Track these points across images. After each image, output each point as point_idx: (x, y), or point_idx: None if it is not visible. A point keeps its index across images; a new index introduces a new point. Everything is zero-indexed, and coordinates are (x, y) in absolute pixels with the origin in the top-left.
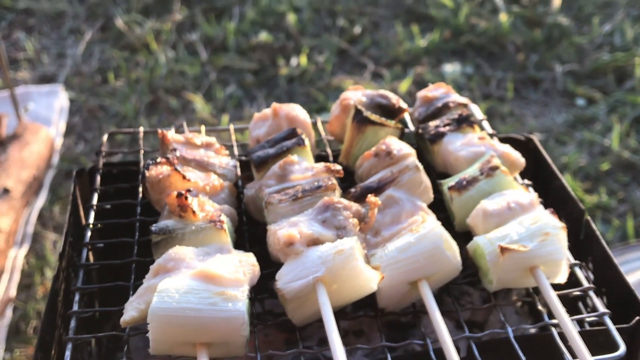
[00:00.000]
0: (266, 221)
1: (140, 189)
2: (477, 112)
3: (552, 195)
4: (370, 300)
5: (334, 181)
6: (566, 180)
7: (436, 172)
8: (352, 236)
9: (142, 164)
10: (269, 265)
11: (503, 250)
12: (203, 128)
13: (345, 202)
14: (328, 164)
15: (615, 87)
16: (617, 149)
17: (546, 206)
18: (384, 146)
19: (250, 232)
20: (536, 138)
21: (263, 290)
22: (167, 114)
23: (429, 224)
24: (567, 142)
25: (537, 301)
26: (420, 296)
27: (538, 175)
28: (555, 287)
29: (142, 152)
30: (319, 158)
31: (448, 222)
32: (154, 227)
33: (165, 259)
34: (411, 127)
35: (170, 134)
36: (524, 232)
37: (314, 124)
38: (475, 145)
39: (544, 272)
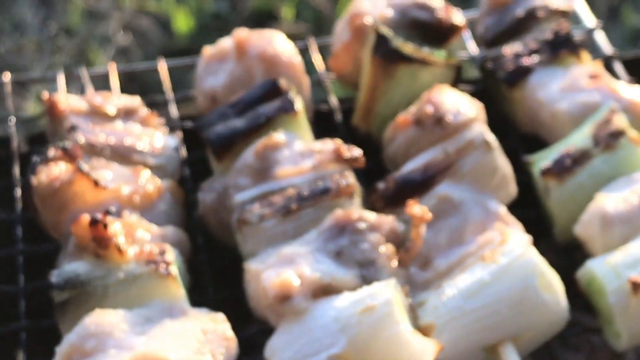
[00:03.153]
0: (239, 249)
1: (19, 192)
2: (588, 18)
3: None
4: None
5: (351, 180)
6: None
7: (520, 135)
8: (386, 277)
9: (14, 142)
10: (248, 318)
11: (636, 286)
12: (114, 67)
13: (370, 217)
14: (338, 143)
15: None
16: None
17: None
18: (430, 106)
19: (213, 264)
20: None
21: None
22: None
23: (513, 247)
24: None
25: None
26: None
27: None
28: None
29: (12, 121)
30: (318, 120)
31: (540, 227)
32: (55, 278)
33: (80, 335)
34: (473, 51)
35: (64, 98)
36: None
37: (304, 52)
38: (585, 91)
39: None
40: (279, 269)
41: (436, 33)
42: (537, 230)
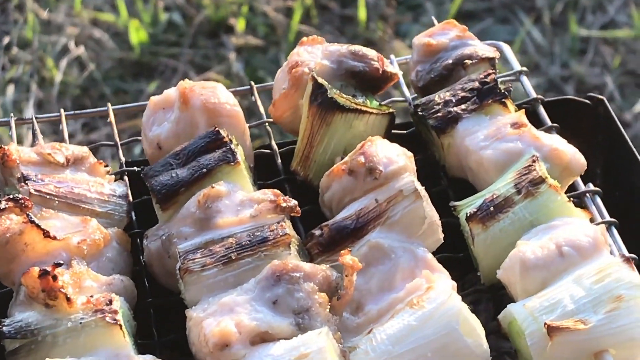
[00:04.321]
0: (182, 296)
1: None
2: (513, 60)
3: (635, 202)
4: None
5: (287, 230)
6: None
7: (448, 177)
8: (319, 325)
9: None
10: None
11: (552, 330)
12: (62, 113)
13: (305, 267)
14: (275, 194)
15: None
16: None
17: (624, 227)
18: (363, 157)
19: (157, 309)
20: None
21: None
22: None
23: (438, 294)
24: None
25: None
26: None
27: (610, 164)
28: None
29: None
30: (259, 162)
31: (468, 263)
32: (5, 327)
33: None
34: (407, 94)
35: (16, 149)
36: (583, 297)
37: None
38: (508, 139)
39: (615, 357)
40: (219, 317)
41: (371, 82)
42: (465, 266)
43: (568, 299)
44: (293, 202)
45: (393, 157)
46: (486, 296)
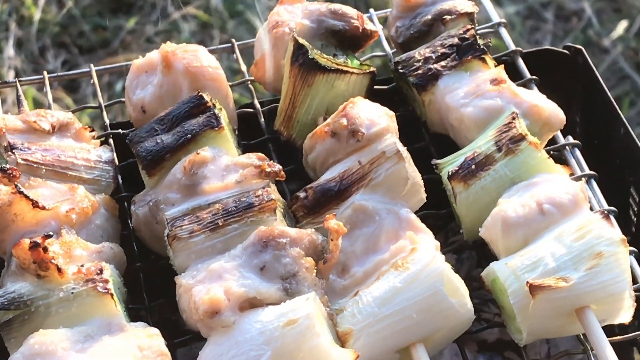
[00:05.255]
0: (170, 261)
1: None
2: (492, 12)
3: (613, 152)
4: None
5: (273, 195)
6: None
7: (430, 133)
8: (306, 289)
9: None
10: (179, 324)
11: (534, 289)
12: (46, 76)
13: (291, 232)
14: (260, 158)
15: None
16: None
17: (603, 177)
18: (345, 120)
19: (146, 273)
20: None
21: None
22: None
23: (422, 255)
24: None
25: (591, 356)
26: None
27: (590, 114)
28: (617, 330)
29: None
30: (242, 122)
31: (451, 215)
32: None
33: (26, 354)
34: (387, 49)
35: (1, 117)
36: (564, 255)
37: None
38: (488, 96)
39: (596, 313)
40: (208, 284)
41: (351, 40)
42: (447, 224)
43: (549, 257)
44: (277, 166)
45: (375, 118)
46: (469, 245)
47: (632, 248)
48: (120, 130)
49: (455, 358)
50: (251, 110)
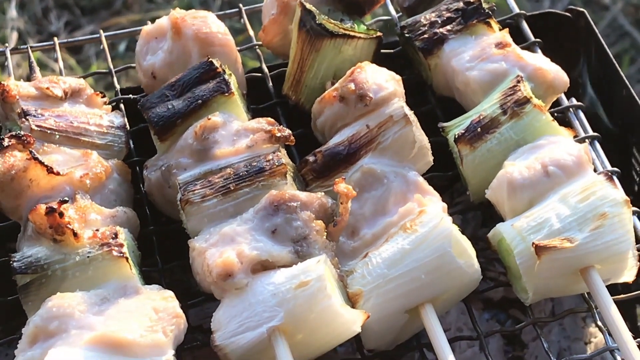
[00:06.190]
0: (183, 225)
1: None
2: None
3: (615, 113)
4: (354, 337)
5: (283, 159)
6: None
7: (436, 96)
8: (317, 252)
9: None
10: (191, 286)
11: (539, 249)
12: (56, 41)
13: (302, 196)
14: (270, 123)
15: None
16: None
17: (606, 139)
18: (353, 84)
19: (159, 236)
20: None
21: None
22: None
23: (431, 217)
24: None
25: (595, 314)
26: (424, 326)
27: (592, 74)
28: (620, 289)
29: None
30: (251, 86)
31: (457, 177)
32: (16, 263)
33: (44, 317)
34: (393, 12)
35: (15, 84)
36: (569, 216)
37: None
38: (493, 59)
39: (600, 272)
40: (221, 248)
41: (357, 5)
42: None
43: (554, 218)
44: (287, 131)
45: (382, 83)
46: (474, 205)
47: (634, 208)
48: (131, 96)
49: (462, 316)
50: (259, 74)
